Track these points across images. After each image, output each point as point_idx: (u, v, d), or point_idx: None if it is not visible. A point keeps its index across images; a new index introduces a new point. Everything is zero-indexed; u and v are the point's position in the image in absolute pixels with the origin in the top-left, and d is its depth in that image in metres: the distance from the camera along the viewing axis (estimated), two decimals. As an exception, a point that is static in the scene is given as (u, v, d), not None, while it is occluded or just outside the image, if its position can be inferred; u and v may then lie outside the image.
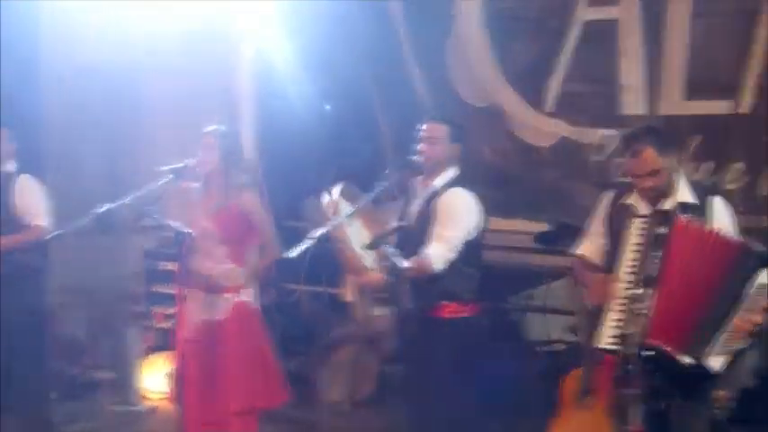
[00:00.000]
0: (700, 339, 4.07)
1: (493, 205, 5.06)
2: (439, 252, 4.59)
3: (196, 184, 5.27)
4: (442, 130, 4.82)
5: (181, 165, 5.14)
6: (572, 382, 5.20)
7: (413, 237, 4.69)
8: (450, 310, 4.71)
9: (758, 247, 4.04)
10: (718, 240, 4.17)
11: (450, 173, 4.77)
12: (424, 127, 4.83)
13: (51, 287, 6.35)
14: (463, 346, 4.84)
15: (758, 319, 4.02)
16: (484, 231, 4.79)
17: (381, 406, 6.29)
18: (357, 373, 6.91)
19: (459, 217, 4.67)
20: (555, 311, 6.62)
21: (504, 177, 6.53)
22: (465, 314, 4.77)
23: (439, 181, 4.74)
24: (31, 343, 6.05)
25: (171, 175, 5.11)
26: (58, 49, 7.46)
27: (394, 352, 5.93)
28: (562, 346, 6.49)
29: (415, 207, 4.81)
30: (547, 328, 6.83)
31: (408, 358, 5.04)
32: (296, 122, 7.29)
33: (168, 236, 5.35)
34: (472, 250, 4.70)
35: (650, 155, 4.20)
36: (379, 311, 6.09)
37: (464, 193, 4.70)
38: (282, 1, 7.12)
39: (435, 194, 4.71)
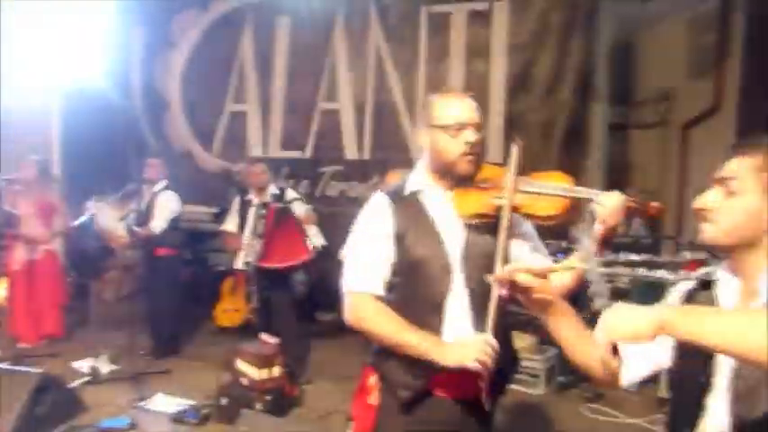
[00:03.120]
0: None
1: (186, 197, 5.32)
2: (157, 224, 4.90)
3: (20, 187, 5.22)
4: (158, 162, 5.13)
5: (11, 176, 5.17)
6: (227, 283, 5.85)
7: (145, 216, 4.98)
8: (163, 251, 5.01)
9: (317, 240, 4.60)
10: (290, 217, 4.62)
11: (162, 183, 5.06)
12: (150, 161, 5.13)
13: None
14: (169, 270, 5.12)
15: None
16: (181, 212, 5.13)
17: (133, 301, 5.89)
18: (120, 283, 6.75)
19: (167, 206, 5.00)
20: (220, 251, 6.15)
21: (195, 185, 6.23)
22: (171, 254, 5.06)
23: (157, 187, 5.04)
24: None
25: (5, 182, 5.17)
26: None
27: (138, 272, 5.86)
28: (220, 267, 6.23)
29: (145, 201, 5.06)
30: (219, 259, 6.55)
31: (144, 276, 5.28)
32: (84, 152, 6.81)
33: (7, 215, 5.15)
34: (174, 222, 5.04)
35: (259, 168, 4.71)
36: (129, 252, 5.90)
37: (171, 193, 5.06)
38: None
39: (155, 194, 5.03)
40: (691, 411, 1.27)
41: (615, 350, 1.34)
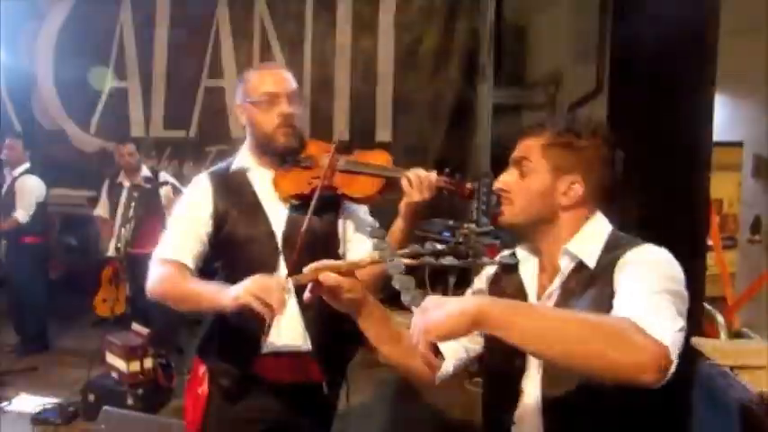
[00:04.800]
0: None
1: (62, 180, 5.30)
2: (21, 213, 4.71)
3: None
4: (18, 142, 4.89)
5: None
6: (107, 272, 5.44)
7: (4, 203, 4.79)
8: (29, 239, 4.85)
9: None
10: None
11: (24, 166, 4.84)
12: (7, 141, 4.85)
13: None
14: (35, 259, 4.96)
15: None
16: (46, 196, 4.90)
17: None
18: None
19: (30, 192, 4.79)
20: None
21: (71, 166, 5.98)
22: (37, 241, 4.91)
23: (17, 171, 4.82)
24: None
25: None
26: None
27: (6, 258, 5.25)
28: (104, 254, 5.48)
29: (5, 186, 4.87)
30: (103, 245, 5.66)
31: (8, 266, 5.01)
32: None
33: None
34: (40, 207, 4.85)
35: (130, 150, 4.62)
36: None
37: (33, 177, 4.83)
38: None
39: (16, 179, 4.81)
40: (507, 395, 1.25)
41: (436, 348, 1.29)
